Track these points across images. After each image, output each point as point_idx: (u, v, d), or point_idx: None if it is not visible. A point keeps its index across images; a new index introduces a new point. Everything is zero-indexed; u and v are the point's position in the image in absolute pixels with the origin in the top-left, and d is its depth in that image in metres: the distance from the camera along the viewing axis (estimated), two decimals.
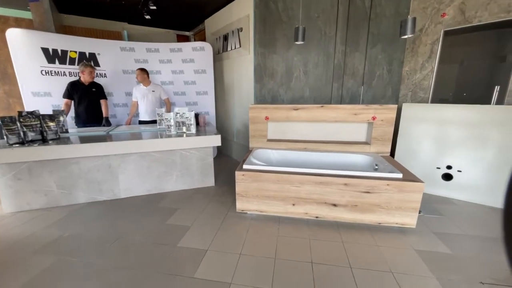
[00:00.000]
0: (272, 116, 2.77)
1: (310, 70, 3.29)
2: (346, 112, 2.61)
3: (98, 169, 2.62)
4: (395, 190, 1.98)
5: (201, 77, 4.02)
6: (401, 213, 2.03)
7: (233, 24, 3.66)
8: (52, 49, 3.23)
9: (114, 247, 1.89)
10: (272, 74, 3.37)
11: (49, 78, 3.26)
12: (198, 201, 2.68)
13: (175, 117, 2.89)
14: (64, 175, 2.53)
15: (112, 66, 3.67)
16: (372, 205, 2.06)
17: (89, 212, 2.45)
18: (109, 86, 3.69)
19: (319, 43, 3.19)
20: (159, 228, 2.16)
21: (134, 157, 2.72)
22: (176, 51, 3.90)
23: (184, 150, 2.88)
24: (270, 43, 3.28)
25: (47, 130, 2.49)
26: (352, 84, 3.27)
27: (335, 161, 2.66)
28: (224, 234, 2.06)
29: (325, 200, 2.13)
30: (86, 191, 2.63)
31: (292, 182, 2.14)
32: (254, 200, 2.27)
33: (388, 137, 2.60)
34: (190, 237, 2.03)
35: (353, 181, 2.03)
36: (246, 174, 2.20)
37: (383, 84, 3.22)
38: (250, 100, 3.57)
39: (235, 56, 3.76)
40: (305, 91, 3.37)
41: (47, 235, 2.05)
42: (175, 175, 2.92)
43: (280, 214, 2.27)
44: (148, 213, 2.41)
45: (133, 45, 3.75)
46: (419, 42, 3.00)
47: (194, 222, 2.25)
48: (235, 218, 2.31)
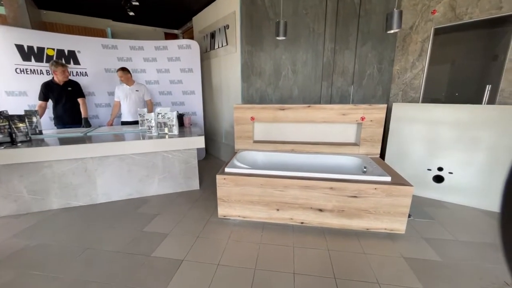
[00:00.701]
0: (258, 116, 2.65)
1: (299, 69, 3.19)
2: (334, 112, 2.51)
3: (73, 172, 2.47)
4: (383, 194, 1.88)
5: (187, 76, 3.88)
6: (390, 218, 1.93)
7: (219, 21, 3.54)
8: (28, 46, 3.06)
9: (82, 259, 1.75)
10: (259, 73, 3.26)
11: (24, 77, 3.10)
12: (180, 206, 2.54)
13: (157, 117, 2.75)
14: (36, 179, 2.38)
15: (93, 64, 3.51)
16: (359, 210, 1.95)
17: (62, 219, 2.30)
18: (91, 86, 3.54)
19: (308, 40, 3.08)
20: (135, 236, 2.03)
21: (113, 159, 2.57)
22: (161, 49, 3.76)
23: (166, 152, 2.75)
24: (257, 41, 3.16)
25: (16, 131, 2.34)
26: (342, 83, 3.18)
27: (324, 163, 2.55)
28: (203, 242, 1.94)
29: (311, 205, 2.02)
30: (60, 197, 2.48)
31: (276, 186, 2.03)
32: (236, 205, 2.15)
33: (377, 138, 2.50)
34: (167, 246, 1.90)
35: (339, 185, 1.93)
36: (228, 178, 2.08)
37: (373, 84, 3.13)
38: (238, 100, 3.45)
39: (222, 54, 3.64)
40: (294, 90, 3.26)
41: (11, 246, 1.89)
42: (157, 179, 2.78)
43: (264, 220, 2.15)
44: (125, 220, 2.27)
45: (115, 42, 3.60)
46: (409, 40, 2.91)
47: (173, 229, 2.12)
48: (216, 224, 2.18)
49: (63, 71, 2.76)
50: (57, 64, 2.74)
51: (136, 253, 1.81)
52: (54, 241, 1.96)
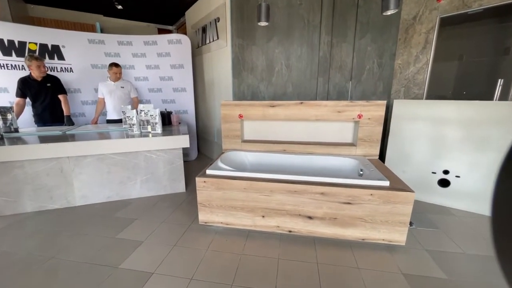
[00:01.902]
0: (247, 114, 2.46)
1: (293, 64, 2.98)
2: (328, 110, 2.29)
3: (47, 173, 2.31)
4: (380, 200, 1.66)
5: (178, 72, 3.71)
6: (388, 228, 1.71)
7: (211, 14, 3.35)
8: (8, 40, 2.92)
9: (44, 269, 1.58)
10: (251, 68, 3.06)
11: (5, 72, 2.96)
12: (161, 210, 2.36)
13: (139, 115, 2.58)
14: (7, 180, 2.22)
15: (79, 60, 3.36)
16: (353, 218, 1.74)
17: (33, 223, 2.14)
18: (76, 82, 3.39)
19: (302, 33, 2.87)
20: (107, 243, 1.85)
21: (91, 159, 2.41)
22: (151, 44, 3.59)
23: (149, 152, 2.57)
24: (248, 34, 2.96)
25: None
26: (339, 79, 2.96)
27: (317, 165, 2.34)
28: (179, 252, 1.75)
29: (299, 212, 1.82)
30: (33, 199, 2.32)
31: (261, 190, 1.83)
32: (218, 211, 1.96)
33: (376, 138, 2.28)
34: (138, 256, 1.71)
35: (331, 190, 1.72)
36: (208, 180, 1.89)
37: (373, 79, 2.90)
38: (229, 97, 3.26)
39: (214, 49, 3.46)
40: (288, 86, 3.06)
41: None
42: (139, 180, 2.61)
43: (248, 227, 1.95)
44: (99, 225, 2.10)
45: (103, 37, 3.45)
46: (412, 31, 2.68)
47: (148, 236, 1.94)
48: (197, 232, 1.99)
49: (38, 65, 2.60)
50: (31, 58, 2.57)
51: (102, 264, 1.63)
52: (18, 249, 1.79)
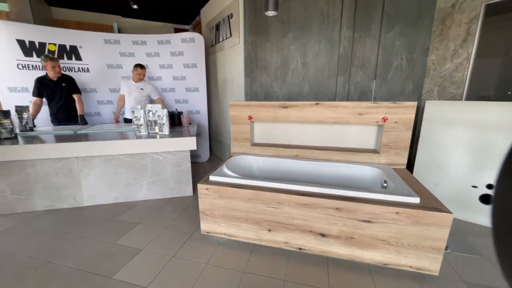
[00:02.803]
0: (257, 115, 2.28)
1: (310, 61, 2.75)
2: (347, 111, 2.04)
3: (56, 173, 2.31)
4: (408, 221, 1.40)
5: (191, 71, 3.63)
6: (417, 254, 1.43)
7: (224, 10, 3.22)
8: (29, 41, 3.02)
9: (38, 275, 1.53)
10: (265, 66, 2.88)
11: (26, 73, 3.06)
12: (165, 215, 2.26)
13: (147, 115, 2.51)
14: (19, 179, 2.25)
15: (95, 60, 3.40)
16: (374, 239, 1.49)
17: (40, 222, 2.14)
18: (92, 82, 3.43)
19: (321, 27, 2.63)
20: (105, 249, 1.77)
21: (98, 160, 2.38)
22: (164, 43, 3.55)
23: (157, 154, 2.49)
24: (262, 30, 2.78)
25: (0, 128, 2.23)
26: (361, 78, 2.67)
27: (333, 173, 2.10)
28: (177, 265, 1.62)
29: (310, 228, 1.60)
30: (43, 198, 2.34)
31: (267, 201, 1.64)
32: (221, 221, 1.80)
33: (404, 145, 1.98)
34: (134, 266, 1.60)
35: (348, 205, 1.48)
36: (211, 188, 1.74)
37: (401, 78, 2.58)
38: (241, 97, 3.10)
39: (227, 47, 3.32)
40: (304, 86, 2.83)
41: None
42: (146, 182, 2.54)
43: (253, 241, 1.77)
44: (102, 228, 2.04)
45: (118, 37, 3.46)
46: (450, 22, 2.33)
47: (148, 244, 1.83)
48: (199, 241, 1.85)
49: (53, 66, 2.63)
50: (46, 58, 2.61)
51: (97, 273, 1.54)
52: (20, 249, 1.78)
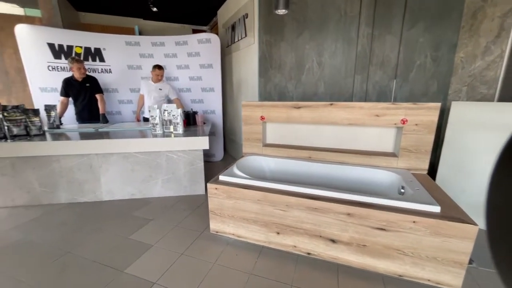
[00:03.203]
0: (269, 115, 2.25)
1: (326, 60, 2.67)
2: (364, 113, 1.95)
3: (78, 168, 2.45)
4: (426, 231, 1.30)
5: (207, 72, 3.68)
6: (437, 267, 1.33)
7: (239, 10, 3.23)
8: (58, 45, 3.23)
9: (57, 264, 1.62)
10: (279, 66, 2.84)
11: (55, 74, 3.28)
12: (177, 212, 2.31)
13: (163, 114, 2.58)
14: (46, 173, 2.41)
15: (117, 61, 3.56)
16: (388, 249, 1.41)
17: (63, 214, 2.27)
18: (114, 82, 3.60)
19: (338, 26, 2.54)
20: (118, 243, 1.84)
21: (117, 157, 2.48)
22: (181, 44, 3.63)
23: (171, 152, 2.55)
24: (277, 29, 2.75)
25: (31, 125, 2.40)
26: (380, 77, 2.54)
27: (347, 177, 2.02)
28: (186, 263, 1.64)
29: (320, 233, 1.54)
30: (67, 191, 2.48)
31: (276, 203, 1.61)
32: (230, 221, 1.79)
33: (425, 148, 1.86)
34: (145, 261, 1.65)
35: (360, 211, 1.41)
36: (220, 188, 1.74)
37: (425, 77, 2.42)
38: (255, 97, 3.09)
39: (242, 47, 3.32)
40: (320, 86, 2.75)
41: (5, 239, 1.89)
42: (160, 180, 2.61)
43: (262, 243, 1.75)
44: (117, 222, 2.13)
45: (138, 39, 3.60)
46: (482, 16, 2.14)
47: (159, 240, 1.87)
48: (208, 240, 1.86)
49: (78, 67, 2.79)
50: (72, 61, 2.78)
51: (110, 266, 1.60)
52: (43, 240, 1.90)
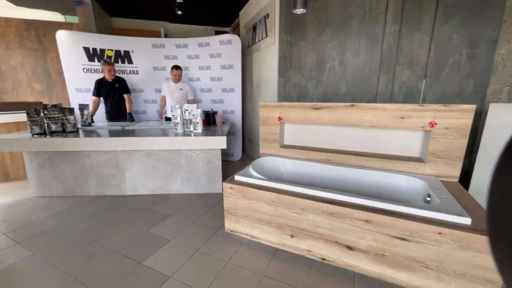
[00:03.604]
0: (287, 116, 2.22)
1: (348, 60, 2.57)
2: (387, 114, 1.85)
3: (106, 163, 2.62)
4: (453, 244, 1.20)
5: (228, 72, 3.73)
6: (464, 284, 1.22)
7: (261, 11, 3.23)
8: (92, 48, 3.48)
9: (85, 252, 1.75)
10: (299, 66, 2.79)
11: (89, 75, 3.54)
12: (195, 209, 2.37)
13: (183, 114, 2.66)
14: (78, 167, 2.62)
15: (144, 63, 3.75)
16: (410, 260, 1.31)
17: (92, 206, 2.45)
18: (140, 83, 3.80)
19: (362, 23, 2.44)
20: (139, 236, 1.94)
21: (140, 154, 2.62)
22: (204, 46, 3.72)
23: (190, 151, 2.63)
24: (297, 29, 2.70)
25: (66, 122, 2.61)
26: (408, 77, 2.39)
27: (368, 181, 1.93)
28: (200, 259, 1.68)
29: (336, 239, 1.49)
30: (96, 184, 2.67)
31: (290, 205, 1.58)
32: (244, 221, 1.80)
33: (456, 154, 1.71)
34: (162, 255, 1.72)
35: (378, 218, 1.34)
36: (235, 187, 1.76)
37: (459, 76, 2.23)
38: (274, 98, 3.08)
39: (263, 47, 3.33)
40: (341, 86, 2.66)
41: (42, 225, 2.08)
42: (180, 177, 2.70)
43: (275, 245, 1.73)
44: (139, 216, 2.24)
45: (163, 41, 3.76)
46: None
47: (176, 236, 1.94)
48: (222, 239, 1.89)
49: (109, 69, 2.99)
50: (104, 63, 2.99)
51: (130, 257, 1.69)
52: (74, 228, 2.06)
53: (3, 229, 2.03)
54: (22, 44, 4.27)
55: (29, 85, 4.44)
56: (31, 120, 2.43)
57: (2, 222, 2.12)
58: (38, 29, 4.28)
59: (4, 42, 4.20)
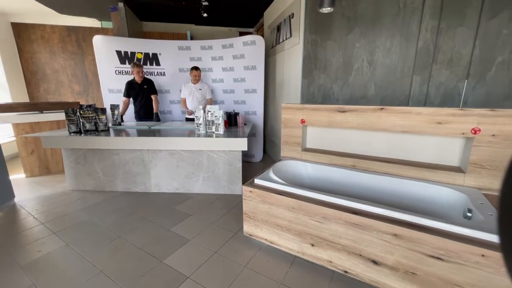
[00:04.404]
0: (310, 119, 2.14)
1: (379, 59, 2.41)
2: (421, 119, 1.69)
3: (133, 161, 2.75)
4: (499, 268, 1.05)
5: (251, 73, 3.72)
6: None
7: (285, 11, 3.16)
8: (124, 51, 3.68)
9: (110, 247, 1.83)
10: (324, 67, 2.69)
11: (120, 77, 3.74)
12: (215, 210, 2.39)
13: (206, 115, 2.70)
14: (108, 164, 2.77)
15: (170, 65, 3.88)
16: (446, 282, 1.18)
17: (119, 201, 2.58)
18: (167, 84, 3.93)
19: (395, 20, 2.27)
20: (161, 234, 2.00)
21: (164, 153, 2.70)
22: (228, 47, 3.75)
23: (211, 152, 2.66)
24: (323, 28, 2.60)
25: (99, 122, 2.78)
26: (447, 77, 2.18)
27: (397, 191, 1.79)
28: (218, 261, 1.68)
29: (360, 251, 1.40)
30: (123, 181, 2.81)
31: (311, 213, 1.51)
32: (263, 226, 1.77)
33: (504, 165, 1.51)
34: (181, 255, 1.75)
35: (410, 233, 1.22)
36: (255, 191, 1.73)
37: (508, 77, 1.98)
38: (297, 99, 3.00)
39: (287, 47, 3.26)
40: (369, 88, 2.51)
41: (75, 218, 2.23)
42: (201, 177, 2.74)
43: (295, 252, 1.67)
44: (162, 214, 2.31)
45: (189, 43, 3.86)
46: None
47: (196, 236, 1.96)
48: (241, 242, 1.88)
49: (138, 71, 3.14)
50: (133, 65, 3.14)
51: (152, 254, 1.74)
52: (102, 222, 2.18)
53: (42, 219, 2.22)
54: (64, 48, 4.67)
55: (69, 86, 4.84)
56: (69, 119, 2.63)
57: (41, 213, 2.32)
58: (78, 34, 4.65)
59: (49, 47, 4.62)
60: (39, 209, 2.41)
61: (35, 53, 4.60)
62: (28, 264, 1.65)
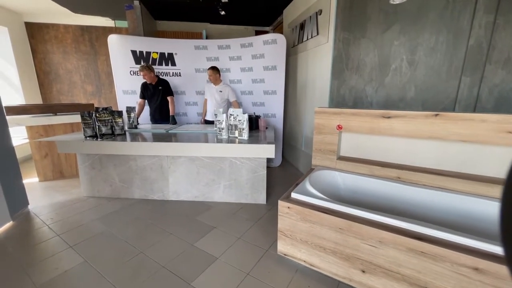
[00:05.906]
0: (348, 125, 1.94)
1: (420, 59, 2.19)
2: (487, 127, 1.47)
3: (151, 168, 2.59)
4: None
5: (270, 74, 3.54)
6: None
7: (311, 7, 2.96)
8: (139, 51, 3.54)
9: (131, 265, 1.67)
10: (357, 67, 2.48)
11: (135, 78, 3.61)
12: (240, 221, 2.21)
13: (229, 119, 2.52)
14: (124, 170, 2.63)
15: (186, 65, 3.73)
16: None
17: (137, 210, 2.43)
18: (182, 85, 3.78)
19: (442, 14, 2.05)
20: (185, 250, 1.83)
21: (184, 159, 2.54)
22: (247, 46, 3.57)
23: (234, 158, 2.48)
24: (357, 25, 2.39)
25: (115, 125, 2.64)
26: (504, 79, 1.94)
27: (452, 207, 1.57)
28: (252, 286, 1.49)
29: (426, 284, 1.19)
30: (140, 188, 2.66)
31: (364, 237, 1.31)
32: (302, 246, 1.58)
33: None
34: (211, 276, 1.57)
35: (497, 269, 1.01)
36: (293, 207, 1.54)
37: None
38: (323, 101, 2.80)
39: (311, 46, 3.06)
40: (409, 90, 2.29)
41: (92, 229, 2.09)
42: (222, 185, 2.57)
43: (339, 278, 1.47)
44: (183, 226, 2.14)
45: (206, 43, 3.69)
46: None
47: (223, 253, 1.79)
48: (274, 262, 1.69)
49: (144, 74, 2.98)
50: (142, 68, 2.98)
51: (178, 275, 1.57)
52: (121, 234, 2.02)
53: (57, 230, 2.08)
54: (77, 48, 4.58)
55: (82, 87, 4.75)
56: (85, 123, 2.49)
57: (56, 223, 2.19)
58: (91, 34, 4.54)
59: (62, 47, 4.54)
60: (54, 217, 2.28)
61: (48, 53, 4.52)
62: (44, 285, 1.50)
